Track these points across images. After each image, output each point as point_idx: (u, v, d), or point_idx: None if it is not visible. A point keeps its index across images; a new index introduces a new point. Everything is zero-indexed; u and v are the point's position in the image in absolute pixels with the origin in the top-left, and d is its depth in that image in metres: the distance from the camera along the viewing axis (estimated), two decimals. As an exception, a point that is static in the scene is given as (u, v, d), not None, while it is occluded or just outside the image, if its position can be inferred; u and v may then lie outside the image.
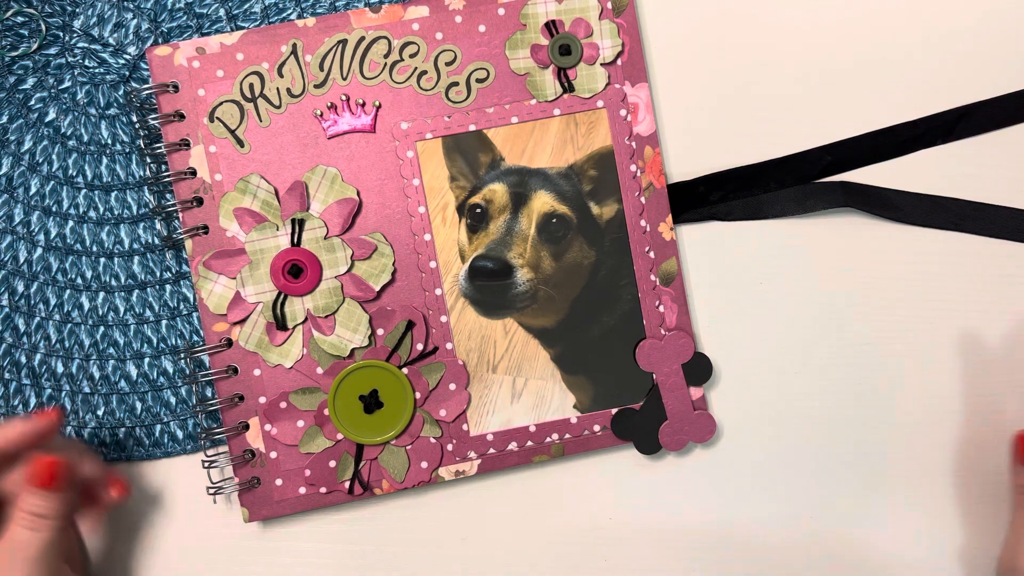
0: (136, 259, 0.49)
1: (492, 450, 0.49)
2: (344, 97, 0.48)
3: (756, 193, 0.51)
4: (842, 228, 0.51)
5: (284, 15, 0.49)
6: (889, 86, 0.51)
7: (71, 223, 0.49)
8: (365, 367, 0.47)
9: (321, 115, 0.48)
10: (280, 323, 0.47)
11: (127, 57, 0.49)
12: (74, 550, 0.47)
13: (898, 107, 0.51)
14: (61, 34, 0.49)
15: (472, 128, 0.48)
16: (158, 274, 0.49)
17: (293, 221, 0.47)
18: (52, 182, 0.49)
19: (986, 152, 0.52)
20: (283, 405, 0.47)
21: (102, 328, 0.49)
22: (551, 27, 0.48)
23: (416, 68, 0.48)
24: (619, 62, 0.49)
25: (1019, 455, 0.47)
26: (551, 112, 0.48)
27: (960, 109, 0.51)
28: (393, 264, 0.48)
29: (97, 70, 0.49)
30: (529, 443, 0.49)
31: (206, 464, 0.47)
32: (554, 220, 0.49)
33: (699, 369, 0.49)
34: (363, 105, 0.48)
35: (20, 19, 0.49)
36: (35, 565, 0.41)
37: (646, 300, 0.49)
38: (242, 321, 0.47)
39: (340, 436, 0.48)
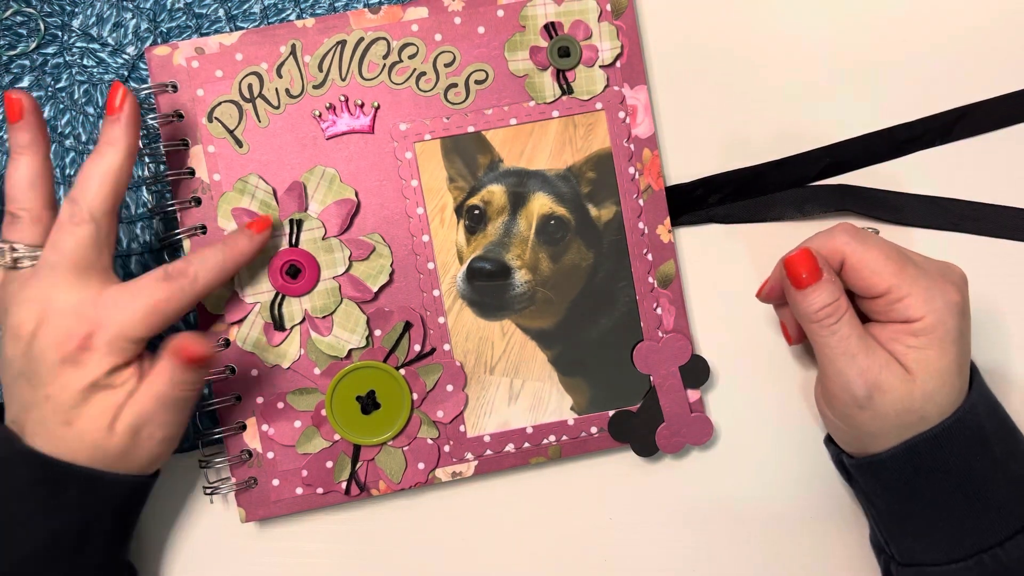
0: (134, 259, 0.49)
1: (489, 452, 0.49)
2: (343, 98, 0.48)
3: (755, 195, 0.51)
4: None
5: (283, 16, 0.49)
6: (887, 87, 0.51)
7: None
8: (362, 368, 0.47)
9: (320, 116, 0.47)
10: (278, 323, 0.47)
11: (126, 57, 0.49)
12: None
13: (896, 108, 0.51)
14: (59, 33, 0.49)
15: (471, 129, 0.48)
16: (156, 274, 0.49)
17: (291, 221, 0.47)
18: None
19: (985, 152, 0.52)
20: (280, 405, 0.48)
21: (100, 328, 0.49)
22: (550, 29, 0.48)
23: (415, 69, 0.48)
24: (618, 64, 0.49)
25: (793, 281, 0.43)
26: (550, 114, 0.48)
27: (959, 110, 0.51)
28: (391, 265, 0.48)
29: (95, 70, 0.49)
30: (526, 445, 0.49)
31: (203, 464, 0.48)
32: (552, 222, 0.49)
33: (696, 372, 0.49)
34: (362, 106, 0.48)
35: (19, 19, 0.49)
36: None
37: (644, 302, 0.49)
38: (240, 321, 0.47)
39: (337, 437, 0.48)
